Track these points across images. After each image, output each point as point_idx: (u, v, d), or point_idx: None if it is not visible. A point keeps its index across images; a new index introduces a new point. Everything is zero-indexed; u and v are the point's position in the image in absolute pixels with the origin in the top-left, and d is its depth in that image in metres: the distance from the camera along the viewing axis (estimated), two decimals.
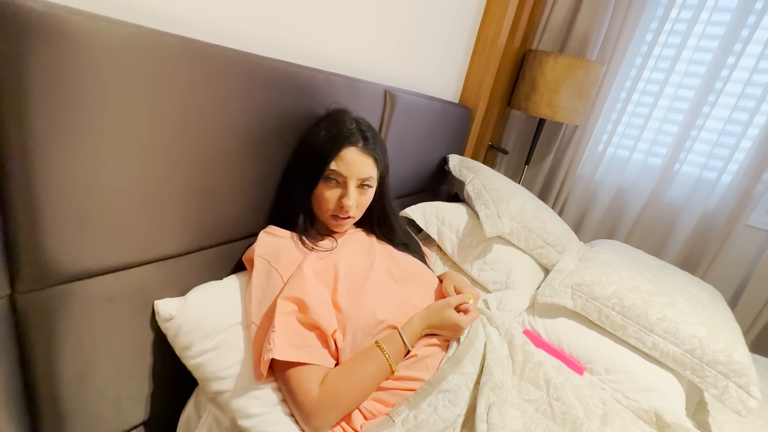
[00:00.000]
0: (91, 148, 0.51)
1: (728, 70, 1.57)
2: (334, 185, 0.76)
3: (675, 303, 0.99)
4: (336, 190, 0.76)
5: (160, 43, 0.54)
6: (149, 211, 0.61)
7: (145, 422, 0.75)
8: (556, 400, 0.73)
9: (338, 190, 0.76)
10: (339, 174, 0.75)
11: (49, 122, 0.46)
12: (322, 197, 0.76)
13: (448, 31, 1.40)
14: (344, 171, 0.74)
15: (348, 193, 0.75)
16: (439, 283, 0.87)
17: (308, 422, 0.60)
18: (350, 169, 0.75)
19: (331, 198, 0.76)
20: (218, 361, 0.65)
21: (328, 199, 0.76)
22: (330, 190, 0.76)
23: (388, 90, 1.07)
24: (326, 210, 0.78)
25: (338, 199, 0.76)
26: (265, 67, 0.70)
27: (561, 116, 1.65)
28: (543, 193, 2.03)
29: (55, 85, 0.45)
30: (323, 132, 0.76)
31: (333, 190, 0.76)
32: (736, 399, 0.86)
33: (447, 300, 0.75)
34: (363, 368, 0.64)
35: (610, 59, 1.74)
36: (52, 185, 0.48)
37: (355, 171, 0.75)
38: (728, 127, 1.63)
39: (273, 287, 0.68)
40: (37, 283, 0.52)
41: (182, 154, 0.62)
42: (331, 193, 0.76)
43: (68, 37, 0.45)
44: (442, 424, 0.62)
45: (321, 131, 0.76)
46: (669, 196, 1.77)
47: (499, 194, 1.22)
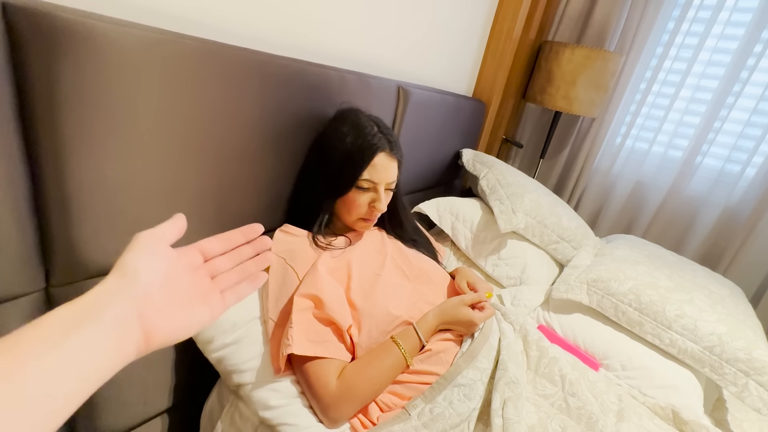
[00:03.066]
0: (117, 149, 0.53)
1: (755, 59, 1.51)
2: (364, 192, 0.77)
3: (694, 299, 0.97)
4: (367, 195, 0.77)
5: (180, 45, 0.55)
6: (171, 208, 0.63)
7: (168, 409, 0.78)
8: (572, 395, 0.73)
9: (369, 195, 0.78)
10: (371, 181, 0.76)
11: (79, 125, 0.48)
12: (353, 203, 0.77)
13: (461, 23, 1.39)
14: (376, 178, 0.76)
15: (380, 198, 0.77)
16: (452, 279, 0.88)
17: (326, 414, 0.62)
18: (381, 175, 0.76)
19: (363, 203, 0.78)
20: (238, 355, 0.67)
21: (359, 204, 0.77)
22: (362, 196, 0.77)
23: (400, 86, 1.07)
24: (356, 214, 0.79)
25: (369, 204, 0.78)
26: (279, 66, 0.71)
27: (578, 109, 1.62)
28: (558, 187, 2.00)
29: (84, 89, 0.47)
30: (349, 138, 0.75)
31: (364, 196, 0.77)
32: (756, 397, 0.84)
33: (462, 297, 0.77)
34: (379, 362, 0.66)
35: (630, 49, 1.69)
36: (82, 185, 0.50)
37: (384, 177, 0.77)
38: (753, 118, 1.57)
39: (289, 284, 0.70)
40: (69, 277, 0.55)
41: (200, 153, 0.64)
42: (363, 199, 0.77)
43: (96, 43, 0.46)
44: (458, 417, 0.63)
45: (347, 137, 0.75)
46: (690, 190, 1.72)
47: (514, 189, 1.21)
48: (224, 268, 0.40)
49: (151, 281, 0.32)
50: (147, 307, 0.31)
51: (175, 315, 0.33)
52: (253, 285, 0.41)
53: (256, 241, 0.43)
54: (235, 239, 0.41)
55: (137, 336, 0.30)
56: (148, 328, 0.31)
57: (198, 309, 0.36)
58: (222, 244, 0.40)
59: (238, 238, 0.41)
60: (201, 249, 0.39)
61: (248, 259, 0.42)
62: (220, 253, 0.40)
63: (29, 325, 0.26)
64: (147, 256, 0.33)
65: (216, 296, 0.38)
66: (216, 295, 0.38)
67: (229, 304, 0.38)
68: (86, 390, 0.27)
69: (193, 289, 0.36)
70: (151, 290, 0.32)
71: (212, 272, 0.39)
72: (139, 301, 0.31)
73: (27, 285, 0.51)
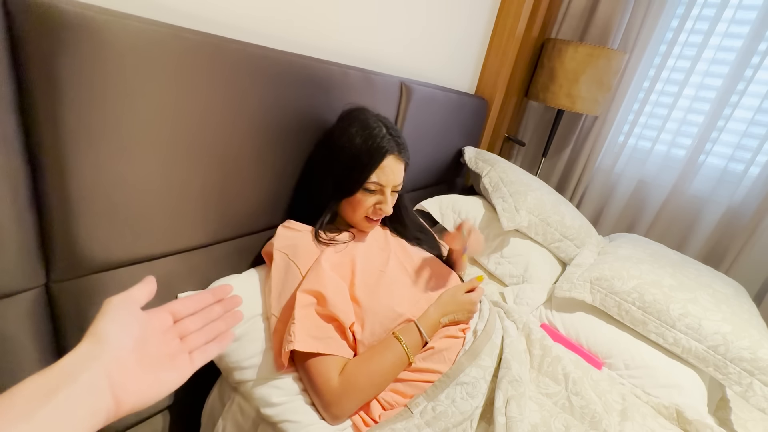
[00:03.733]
0: (119, 144, 0.52)
1: (759, 57, 1.50)
2: (371, 193, 0.77)
3: (698, 298, 0.96)
4: (374, 197, 0.78)
5: (182, 39, 0.55)
6: (173, 205, 0.62)
7: (169, 407, 0.78)
8: (575, 394, 0.72)
9: (375, 197, 0.78)
10: (378, 184, 0.76)
11: (80, 120, 0.47)
12: (359, 203, 0.77)
13: (464, 20, 1.38)
14: (383, 181, 0.76)
15: (386, 200, 0.78)
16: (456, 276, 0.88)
17: (328, 410, 0.61)
18: (389, 178, 0.76)
19: (368, 205, 0.78)
20: (240, 352, 0.67)
21: (365, 205, 0.78)
22: (368, 198, 0.77)
23: (403, 82, 1.06)
24: (361, 214, 0.79)
25: (374, 204, 0.78)
26: (283, 62, 0.71)
27: (580, 107, 1.61)
28: (560, 185, 2.00)
29: (85, 83, 0.46)
30: (358, 139, 0.74)
31: (371, 198, 0.77)
32: (761, 397, 0.83)
33: (457, 286, 0.80)
34: (381, 358, 0.65)
35: (633, 47, 1.68)
36: (83, 180, 0.50)
37: (392, 179, 0.77)
38: (757, 117, 1.56)
39: (291, 280, 0.69)
40: (70, 273, 0.54)
41: (204, 149, 0.63)
42: (369, 200, 0.77)
43: (98, 36, 0.46)
44: (461, 416, 0.63)
45: (355, 138, 0.75)
46: (693, 189, 1.71)
47: (517, 187, 1.20)
48: (193, 328, 0.40)
49: (122, 345, 0.33)
50: (118, 372, 0.32)
51: (145, 379, 0.34)
52: (220, 345, 0.41)
53: (226, 300, 0.44)
54: (205, 299, 0.43)
55: (108, 403, 0.31)
56: (118, 394, 0.31)
57: (167, 372, 0.36)
58: (192, 305, 0.41)
59: (208, 298, 0.43)
60: (171, 310, 0.40)
61: (217, 319, 0.42)
62: (189, 314, 0.41)
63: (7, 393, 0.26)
64: (118, 322, 0.34)
65: (184, 358, 0.38)
66: (184, 357, 0.38)
67: (197, 365, 0.39)
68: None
69: (163, 352, 0.37)
70: (122, 355, 0.32)
71: (181, 333, 0.39)
72: (110, 367, 0.31)
73: (27, 281, 0.51)
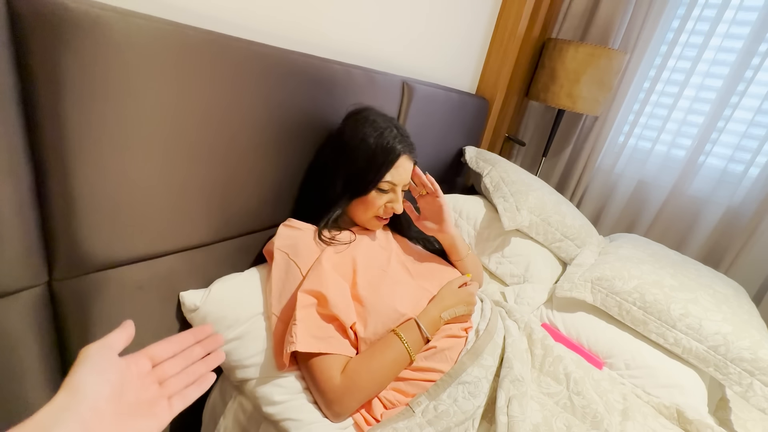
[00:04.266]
0: (121, 142, 0.52)
1: (759, 59, 1.51)
2: (383, 193, 0.79)
3: (698, 299, 0.96)
4: (386, 196, 0.79)
5: (185, 37, 0.54)
6: (176, 203, 0.62)
7: None
8: (576, 394, 0.72)
9: (387, 196, 0.79)
10: (392, 183, 0.78)
11: (83, 118, 0.47)
12: (372, 203, 0.79)
13: (466, 20, 1.38)
14: (397, 180, 0.78)
15: (398, 199, 0.80)
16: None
17: (330, 408, 0.61)
18: (402, 177, 0.79)
19: (380, 203, 0.79)
20: (242, 350, 0.67)
21: (377, 204, 0.79)
22: (381, 196, 0.79)
23: (405, 81, 1.06)
24: (371, 213, 0.80)
25: (385, 203, 0.80)
26: (286, 60, 0.71)
27: (581, 107, 1.62)
28: (560, 185, 2.00)
29: (89, 81, 0.46)
30: (371, 140, 0.75)
31: (383, 197, 0.79)
32: (761, 397, 0.84)
33: (451, 281, 0.81)
34: (382, 356, 0.65)
35: (634, 47, 1.68)
36: (86, 178, 0.50)
37: (404, 179, 0.80)
38: (757, 118, 1.56)
39: (292, 279, 0.69)
40: (72, 271, 0.54)
41: (206, 147, 0.63)
42: (381, 199, 0.79)
43: (101, 33, 0.46)
44: (462, 415, 0.63)
45: (369, 139, 0.75)
46: (692, 189, 1.72)
47: (518, 187, 1.20)
48: (172, 372, 0.40)
49: (99, 395, 0.32)
50: (94, 423, 0.31)
51: (122, 429, 0.33)
52: (200, 387, 0.41)
53: (206, 341, 0.43)
54: (185, 341, 0.42)
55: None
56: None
57: (145, 420, 0.35)
58: (171, 347, 0.41)
59: (188, 339, 0.42)
60: (149, 355, 0.39)
61: (198, 360, 0.42)
62: (169, 357, 0.40)
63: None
64: (94, 370, 0.33)
65: (163, 404, 0.37)
66: (163, 403, 0.37)
67: (176, 410, 0.38)
68: None
69: (141, 399, 0.36)
70: (99, 404, 0.32)
71: (160, 377, 0.39)
72: (86, 418, 0.31)
73: (29, 279, 0.51)
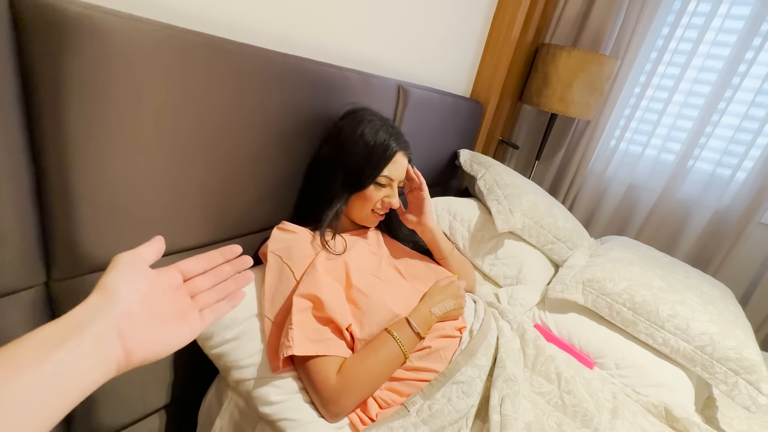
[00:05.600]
0: (122, 144, 0.52)
1: (746, 66, 1.55)
2: (381, 187, 0.82)
3: (686, 300, 0.99)
4: (382, 190, 0.82)
5: (184, 40, 0.55)
6: (174, 204, 0.63)
7: (166, 406, 0.78)
8: (568, 393, 0.74)
9: (384, 191, 0.82)
10: (389, 178, 0.81)
11: (84, 119, 0.48)
12: (369, 198, 0.82)
13: (460, 25, 1.40)
14: (394, 175, 0.82)
15: (394, 194, 0.83)
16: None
17: (327, 408, 0.62)
18: (399, 173, 0.82)
19: (377, 198, 0.82)
20: (239, 351, 0.67)
21: (374, 199, 0.82)
22: (378, 191, 0.81)
23: (401, 85, 1.08)
24: (368, 208, 0.83)
25: (381, 198, 0.83)
26: (284, 64, 0.71)
27: (573, 111, 1.64)
28: (553, 188, 2.02)
29: (89, 83, 0.47)
30: (369, 138, 0.78)
31: (380, 191, 0.82)
32: (746, 395, 0.86)
33: (437, 281, 0.83)
34: (376, 354, 0.66)
35: (625, 53, 1.72)
36: (85, 179, 0.50)
37: (400, 174, 0.83)
38: (744, 123, 1.60)
39: (285, 283, 0.70)
40: (70, 271, 0.54)
41: (205, 149, 0.63)
42: (378, 193, 0.82)
43: (102, 36, 0.46)
44: (456, 414, 0.64)
45: (365, 137, 0.78)
46: (681, 193, 1.75)
47: (511, 190, 1.22)
48: (204, 287, 0.41)
49: (132, 300, 0.33)
50: (127, 325, 0.32)
51: (155, 333, 0.34)
52: (231, 303, 0.42)
53: (235, 261, 0.44)
54: (215, 259, 0.43)
55: (118, 353, 0.31)
56: (128, 345, 0.32)
57: (177, 327, 0.36)
58: (202, 264, 0.41)
59: (217, 258, 0.43)
60: (181, 269, 0.40)
61: (228, 278, 0.43)
62: (199, 273, 0.41)
63: (15, 342, 0.27)
64: (127, 276, 0.34)
65: (195, 315, 0.38)
66: (195, 314, 0.38)
67: (207, 322, 0.39)
68: (67, 406, 0.28)
69: (173, 308, 0.37)
70: (131, 308, 0.33)
71: (192, 291, 0.40)
72: (119, 319, 0.31)
73: (28, 279, 0.51)
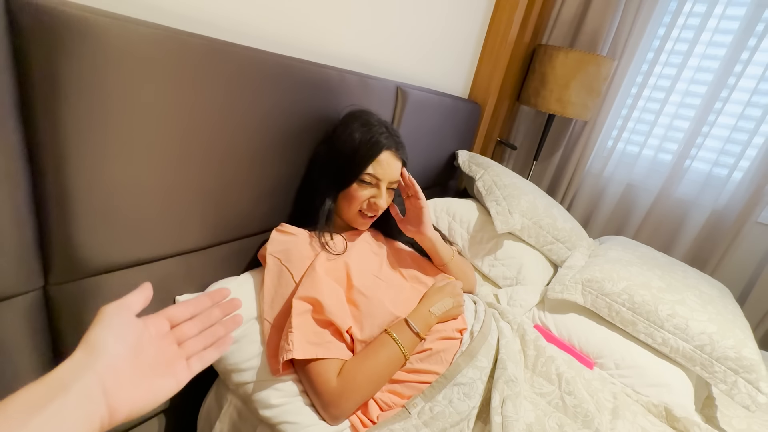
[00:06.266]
0: (119, 147, 0.52)
1: (742, 66, 1.56)
2: (366, 186, 0.79)
3: (685, 300, 0.99)
4: (368, 190, 0.79)
5: (181, 42, 0.55)
6: (172, 207, 0.62)
7: (164, 410, 0.77)
8: (568, 394, 0.74)
9: (370, 191, 0.79)
10: (374, 177, 0.78)
11: (80, 122, 0.47)
12: (353, 197, 0.79)
13: (458, 26, 1.40)
14: (380, 174, 0.78)
15: (381, 194, 0.80)
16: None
17: (327, 411, 0.62)
18: (385, 172, 0.79)
19: (362, 197, 0.79)
20: (239, 354, 0.67)
21: (359, 198, 0.79)
22: (363, 190, 0.79)
23: (399, 86, 1.08)
24: (355, 208, 0.80)
25: (369, 199, 0.80)
26: (282, 65, 0.71)
27: (570, 112, 1.65)
28: (551, 188, 2.03)
29: (86, 86, 0.46)
30: (357, 135, 0.77)
31: (366, 191, 0.79)
32: (745, 394, 0.86)
33: (434, 283, 0.83)
34: (376, 356, 0.66)
35: (622, 54, 1.73)
36: (82, 182, 0.50)
37: (388, 174, 0.79)
38: (740, 123, 1.61)
39: (284, 285, 0.70)
40: (68, 275, 0.54)
41: (202, 151, 0.63)
42: (363, 192, 0.79)
43: (98, 39, 0.46)
44: (458, 416, 0.64)
45: (355, 133, 0.77)
46: (679, 193, 1.76)
47: (510, 190, 1.22)
48: (191, 334, 0.40)
49: (117, 353, 0.32)
50: (112, 381, 0.31)
51: (141, 387, 0.33)
52: (219, 350, 0.41)
53: (224, 304, 0.43)
54: (203, 304, 0.42)
55: (102, 412, 0.30)
56: (112, 403, 0.31)
57: (163, 379, 0.35)
58: (189, 310, 0.41)
59: (206, 302, 0.42)
60: (168, 316, 0.39)
61: (216, 323, 0.42)
62: (187, 318, 0.40)
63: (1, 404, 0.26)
64: (112, 329, 0.33)
65: (182, 364, 0.37)
66: (182, 363, 0.38)
67: (194, 371, 0.38)
68: None
69: (159, 359, 0.36)
70: (116, 362, 0.32)
71: (179, 339, 0.39)
72: (104, 376, 0.31)
73: (25, 284, 0.50)
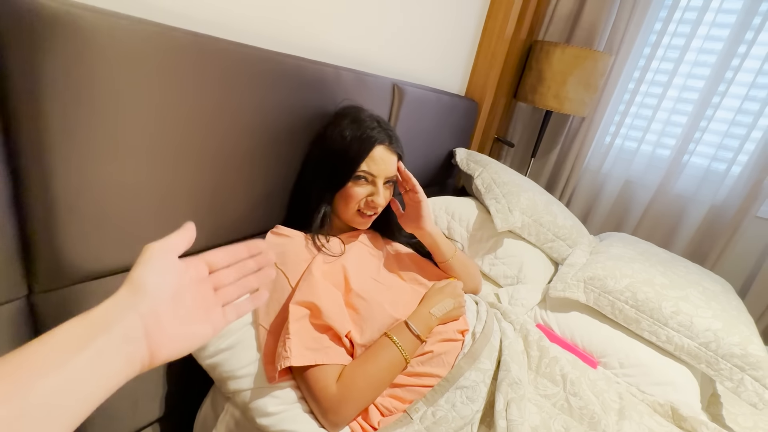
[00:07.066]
0: (106, 147, 0.50)
1: (739, 60, 1.55)
2: (362, 183, 0.76)
3: (689, 296, 0.98)
4: (365, 188, 0.77)
5: (171, 39, 0.53)
6: (163, 209, 0.60)
7: (159, 419, 0.75)
8: (573, 395, 0.72)
9: (367, 188, 0.77)
10: (369, 173, 0.75)
11: (65, 122, 0.45)
12: (350, 195, 0.76)
13: (454, 23, 1.38)
14: (374, 170, 0.75)
15: (378, 191, 0.77)
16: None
17: (327, 417, 0.60)
18: (380, 168, 0.76)
19: (359, 195, 0.77)
20: (234, 361, 0.65)
21: (356, 197, 0.76)
22: (359, 188, 0.76)
23: (396, 84, 1.06)
24: (353, 207, 0.78)
25: (366, 197, 0.77)
26: (275, 62, 0.69)
27: (568, 108, 1.64)
28: (549, 185, 2.02)
29: (70, 84, 0.44)
30: (348, 132, 0.75)
31: (362, 188, 0.77)
32: (752, 392, 0.85)
33: (434, 284, 0.81)
34: (375, 360, 0.64)
35: (618, 49, 1.72)
36: (68, 185, 0.48)
37: (383, 170, 0.76)
38: (738, 117, 1.61)
39: (280, 290, 0.68)
40: (54, 282, 0.51)
41: (194, 151, 0.61)
42: (359, 191, 0.76)
43: (83, 35, 0.44)
44: (461, 420, 0.62)
45: (345, 131, 0.75)
46: (677, 188, 1.75)
47: (509, 188, 1.20)
48: (227, 281, 0.40)
49: (160, 296, 0.33)
50: (154, 323, 0.32)
51: (179, 331, 0.34)
52: (254, 302, 0.42)
53: (259, 257, 0.43)
54: (240, 253, 0.42)
55: (143, 353, 0.31)
56: (152, 345, 0.31)
57: (200, 324, 0.36)
58: (227, 257, 0.41)
59: (242, 252, 0.42)
60: (207, 260, 0.39)
61: (251, 274, 0.42)
62: (224, 266, 0.40)
63: (38, 341, 0.26)
64: (156, 270, 0.33)
65: (218, 311, 0.38)
66: (218, 310, 0.38)
67: (230, 319, 0.39)
68: (90, 406, 0.27)
69: (198, 303, 0.36)
70: (159, 305, 0.32)
71: (216, 285, 0.39)
72: (146, 317, 0.31)
73: (8, 292, 0.48)
